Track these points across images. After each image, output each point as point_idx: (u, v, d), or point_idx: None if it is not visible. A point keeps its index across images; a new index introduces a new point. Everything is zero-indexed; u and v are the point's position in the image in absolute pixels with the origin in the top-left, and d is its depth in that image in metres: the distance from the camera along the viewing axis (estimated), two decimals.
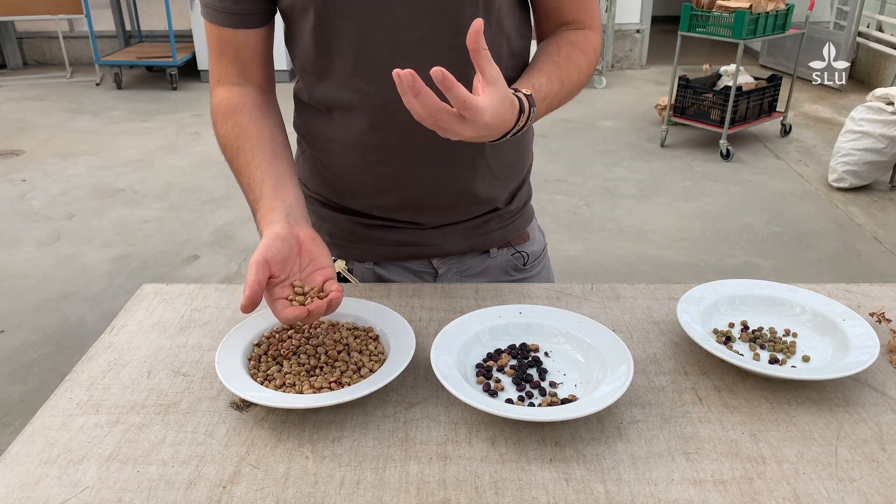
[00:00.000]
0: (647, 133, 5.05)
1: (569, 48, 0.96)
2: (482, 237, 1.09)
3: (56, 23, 6.49)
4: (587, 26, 1.00)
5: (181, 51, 6.34)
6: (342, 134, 0.98)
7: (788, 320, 0.92)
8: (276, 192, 0.88)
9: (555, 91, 0.90)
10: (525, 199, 1.15)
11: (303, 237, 0.83)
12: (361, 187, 1.02)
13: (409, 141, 0.95)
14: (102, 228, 3.65)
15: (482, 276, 1.12)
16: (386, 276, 1.10)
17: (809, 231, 3.60)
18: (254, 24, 0.97)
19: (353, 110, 0.95)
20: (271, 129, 0.96)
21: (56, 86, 6.45)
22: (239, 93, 0.97)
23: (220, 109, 0.97)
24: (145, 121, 5.43)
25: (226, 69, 0.99)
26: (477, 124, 0.73)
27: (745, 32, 4.22)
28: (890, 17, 5.97)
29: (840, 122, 4.99)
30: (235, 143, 0.93)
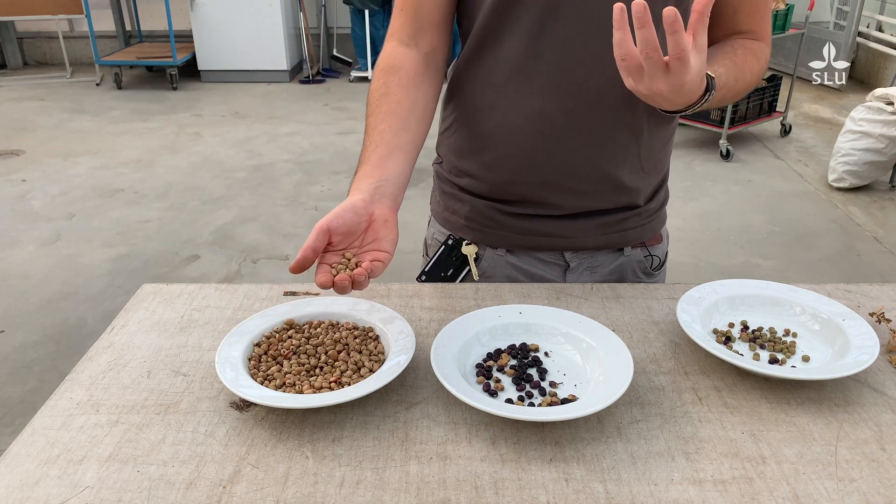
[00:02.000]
0: None
1: (744, 52, 0.96)
2: (618, 234, 1.08)
3: (56, 23, 6.49)
4: (760, 38, 1.00)
5: (181, 51, 6.34)
6: (505, 99, 0.98)
7: (788, 320, 0.92)
8: (381, 161, 0.87)
9: (730, 84, 0.90)
10: (663, 200, 1.14)
11: (376, 216, 0.83)
12: (512, 157, 1.01)
13: (570, 112, 0.95)
14: (102, 228, 3.65)
15: (612, 274, 1.11)
16: (517, 263, 1.10)
17: (809, 231, 3.60)
18: None
19: (523, 76, 0.95)
20: (414, 100, 0.95)
21: (56, 86, 6.45)
22: (403, 54, 0.97)
23: (380, 65, 0.97)
24: (145, 121, 5.43)
25: (402, 25, 0.99)
26: (677, 79, 0.73)
27: None
28: (890, 17, 5.97)
29: (840, 122, 4.99)
30: (377, 101, 0.94)
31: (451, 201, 1.11)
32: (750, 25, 1.00)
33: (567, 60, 0.92)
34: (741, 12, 0.99)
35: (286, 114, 5.60)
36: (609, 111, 0.95)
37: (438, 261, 1.11)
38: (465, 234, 1.10)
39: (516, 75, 0.96)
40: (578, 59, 0.92)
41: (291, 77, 6.56)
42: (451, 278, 1.11)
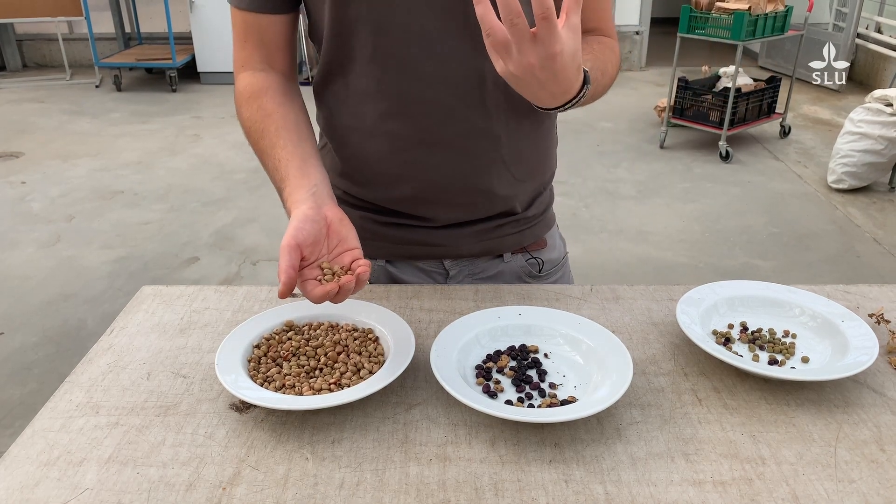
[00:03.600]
0: (646, 134, 5.05)
1: (601, 46, 0.97)
2: (496, 241, 1.09)
3: (56, 25, 6.50)
4: (608, 35, 1.01)
5: (181, 53, 6.34)
6: (360, 122, 0.99)
7: (788, 321, 0.92)
8: (301, 171, 0.88)
9: (598, 78, 0.89)
10: (545, 205, 1.14)
11: (331, 217, 0.83)
12: (378, 176, 1.02)
13: (425, 130, 0.96)
14: (102, 230, 3.65)
15: (494, 280, 1.12)
16: (397, 274, 1.10)
17: (809, 232, 3.60)
18: (279, 10, 0.98)
19: (371, 98, 0.96)
20: (296, 113, 0.97)
21: (56, 88, 6.45)
22: (263, 78, 0.98)
23: (244, 94, 0.98)
24: (145, 123, 5.44)
25: (250, 55, 1.00)
26: (546, 50, 0.68)
27: (744, 34, 4.23)
28: (888, 18, 5.98)
29: (839, 123, 4.99)
30: (260, 125, 0.94)
31: None
32: (596, 23, 1.01)
33: (407, 79, 0.93)
34: (586, 9, 0.98)
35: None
36: (460, 122, 0.95)
37: None
38: None
39: (365, 98, 0.96)
40: (418, 76, 0.92)
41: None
42: None
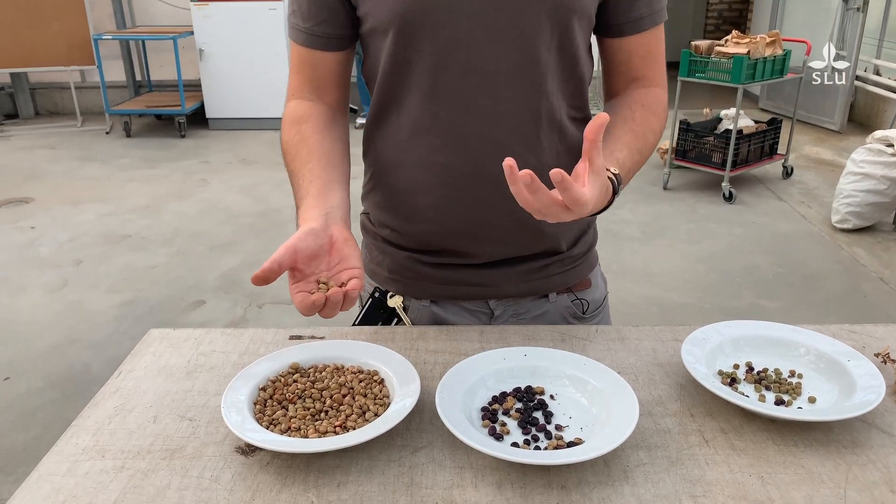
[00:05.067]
0: (649, 176, 5.09)
1: (643, 113, 0.98)
2: (541, 281, 1.09)
3: (68, 73, 6.64)
4: (655, 84, 1.03)
5: (190, 99, 6.46)
6: (411, 155, 1.00)
7: (793, 361, 0.92)
8: (321, 193, 0.90)
9: (635, 161, 0.94)
10: (589, 244, 1.15)
11: (336, 236, 0.84)
12: (425, 209, 1.03)
13: (477, 164, 0.97)
14: (109, 274, 3.67)
15: (539, 321, 1.12)
16: (442, 314, 1.10)
17: (815, 272, 3.60)
18: (332, 48, 1.01)
19: (424, 132, 0.98)
20: (331, 141, 0.99)
21: (67, 134, 6.56)
22: (308, 106, 1.02)
23: (288, 118, 1.01)
24: (153, 168, 5.51)
25: (301, 85, 1.04)
26: (579, 214, 0.76)
27: (743, 77, 4.29)
28: (886, 60, 6.06)
29: (841, 163, 5.02)
30: (294, 148, 0.97)
31: (376, 253, 1.13)
32: (644, 71, 1.03)
33: (463, 115, 0.95)
34: (635, 56, 1.02)
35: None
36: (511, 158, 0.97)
37: (367, 313, 1.11)
38: (390, 286, 1.11)
39: (418, 132, 0.98)
40: (474, 113, 0.95)
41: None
42: None
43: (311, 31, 0.99)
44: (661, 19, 1.01)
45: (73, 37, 6.36)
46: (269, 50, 6.24)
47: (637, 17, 0.99)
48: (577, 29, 0.94)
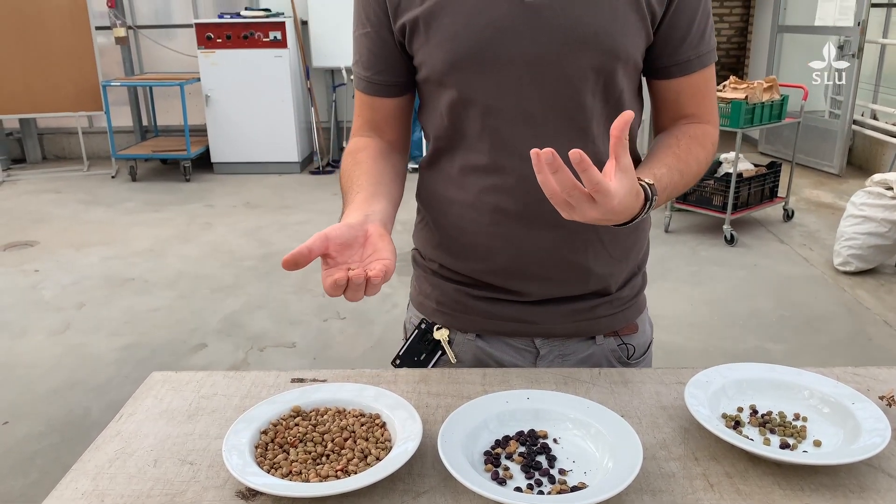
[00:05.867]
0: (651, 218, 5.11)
1: (689, 141, 1.00)
2: (589, 322, 1.09)
3: (76, 119, 6.74)
4: (705, 121, 1.04)
5: (195, 144, 6.54)
6: (464, 195, 1.03)
7: (798, 404, 0.91)
8: (365, 202, 0.91)
9: (675, 181, 0.94)
10: (638, 288, 1.15)
11: (371, 231, 0.84)
12: (475, 247, 1.05)
13: (526, 204, 0.99)
14: (111, 317, 3.67)
15: (585, 363, 1.11)
16: (487, 349, 1.11)
17: (819, 315, 3.59)
18: (390, 94, 1.06)
19: (477, 172, 1.01)
20: (384, 165, 1.02)
21: (73, 179, 6.63)
22: (367, 140, 1.07)
23: (348, 150, 1.06)
24: (158, 211, 5.55)
25: (361, 125, 1.09)
26: (604, 207, 0.76)
27: (742, 122, 4.35)
28: (883, 105, 6.14)
29: (841, 206, 5.05)
30: (349, 171, 1.00)
31: (425, 285, 1.15)
32: (693, 109, 1.04)
33: (513, 158, 0.98)
34: (684, 96, 1.03)
35: (296, 203, 5.71)
36: None
37: (411, 345, 1.12)
38: (437, 318, 1.12)
39: (469, 173, 1.02)
40: (523, 157, 0.96)
41: (302, 168, 6.74)
42: (424, 363, 1.12)
43: (371, 80, 1.05)
44: (710, 61, 1.02)
45: (82, 83, 6.48)
46: (274, 96, 6.34)
47: (685, 59, 1.00)
48: (621, 75, 0.97)
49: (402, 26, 0.98)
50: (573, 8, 0.92)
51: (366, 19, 1.01)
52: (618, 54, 0.94)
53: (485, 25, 0.93)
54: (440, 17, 0.94)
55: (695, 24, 0.99)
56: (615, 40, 0.94)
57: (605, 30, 0.93)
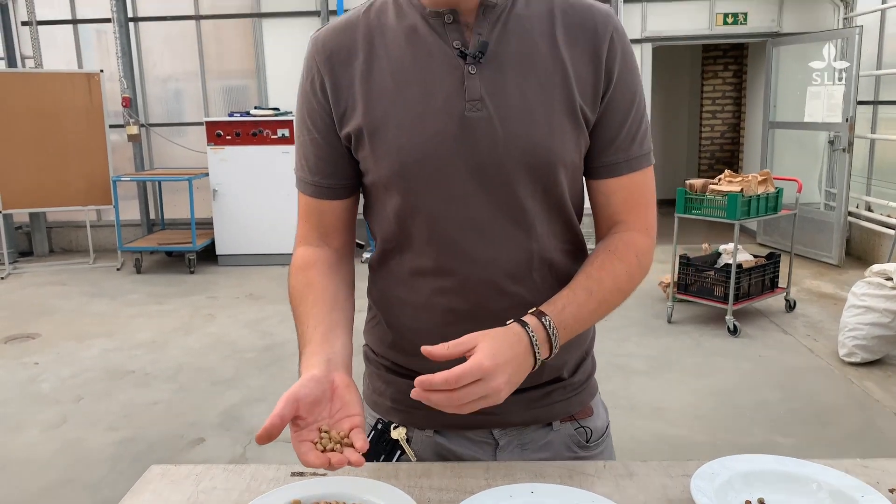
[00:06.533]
0: (653, 309, 5.11)
1: (605, 256, 1.02)
2: (545, 408, 1.09)
3: (85, 213, 6.88)
4: (636, 228, 1.05)
5: (201, 237, 6.64)
6: (415, 296, 1.05)
7: (806, 497, 0.89)
8: (324, 339, 0.93)
9: (580, 300, 0.96)
10: (589, 372, 1.16)
11: (337, 382, 0.86)
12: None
13: (477, 304, 1.01)
14: (110, 411, 3.62)
15: (544, 450, 1.11)
16: (446, 444, 1.10)
17: (827, 407, 3.53)
18: (338, 196, 1.08)
19: (426, 275, 1.03)
20: (336, 285, 1.04)
21: (79, 271, 6.69)
22: (314, 252, 1.08)
23: (296, 264, 1.07)
24: (161, 303, 5.57)
25: (309, 232, 1.10)
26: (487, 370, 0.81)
27: (739, 214, 4.42)
28: (876, 197, 6.25)
29: (843, 297, 5.05)
30: (301, 293, 1.02)
31: (378, 383, 1.15)
32: (624, 215, 1.05)
33: (461, 262, 1.01)
34: (614, 199, 1.05)
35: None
36: (509, 297, 1.02)
37: (370, 447, 1.10)
38: (393, 416, 1.12)
39: (420, 275, 1.04)
40: (471, 260, 1.00)
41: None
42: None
43: (318, 183, 1.07)
44: (641, 165, 1.04)
45: (92, 178, 6.66)
46: (281, 190, 6.49)
47: (613, 161, 1.03)
48: (560, 176, 1.00)
49: (347, 135, 1.02)
50: (511, 120, 0.96)
51: (311, 126, 1.05)
52: (555, 162, 0.99)
53: (428, 137, 0.97)
54: (384, 128, 0.98)
55: (625, 128, 1.02)
56: (552, 149, 0.98)
57: (542, 140, 0.97)
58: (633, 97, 1.03)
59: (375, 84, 0.99)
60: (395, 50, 1.00)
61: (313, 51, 1.04)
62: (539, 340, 0.89)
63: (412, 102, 0.98)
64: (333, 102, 1.02)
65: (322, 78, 1.02)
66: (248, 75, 7.28)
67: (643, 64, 6.98)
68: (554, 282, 1.03)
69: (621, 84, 1.01)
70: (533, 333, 0.89)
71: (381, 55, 1.00)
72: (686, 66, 9.45)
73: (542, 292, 1.01)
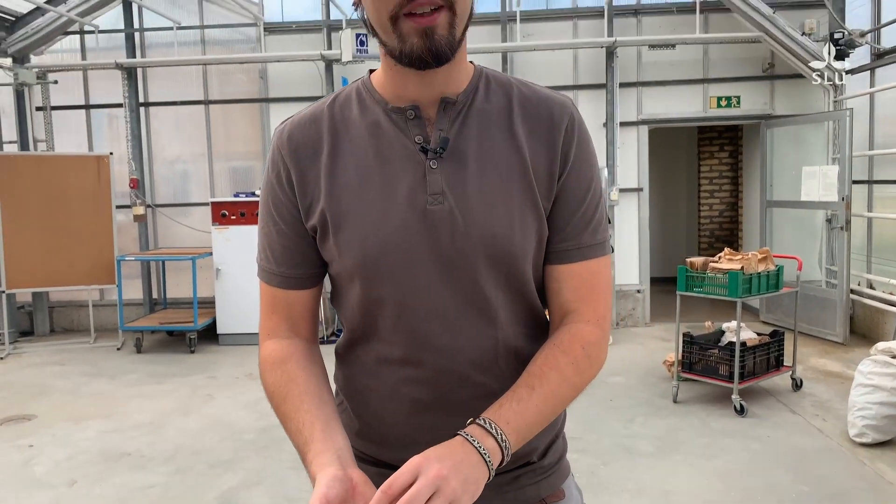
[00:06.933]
0: (658, 389, 5.05)
1: (549, 350, 1.01)
2: (514, 492, 1.07)
3: (88, 292, 6.89)
4: (583, 319, 1.04)
5: (203, 316, 6.63)
6: (380, 385, 1.05)
7: None
8: (325, 435, 0.92)
9: (521, 396, 0.95)
10: (559, 453, 1.14)
11: (356, 479, 0.86)
12: (396, 439, 1.06)
13: (443, 394, 1.01)
14: (104, 495, 3.52)
15: None
16: None
17: (840, 490, 3.43)
18: (305, 286, 1.08)
19: (392, 364, 1.03)
20: (318, 377, 1.04)
21: (78, 351, 6.65)
22: (287, 345, 1.07)
23: (269, 360, 1.05)
24: (160, 383, 5.51)
25: (277, 325, 1.09)
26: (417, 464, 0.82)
27: (740, 292, 4.43)
28: (877, 275, 6.27)
29: (849, 375, 5.00)
30: (284, 389, 1.00)
31: None
32: (575, 304, 1.05)
33: (426, 352, 1.01)
34: (565, 287, 1.05)
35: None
36: (475, 387, 1.02)
37: None
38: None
39: (386, 364, 1.05)
40: (435, 350, 1.01)
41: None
42: None
43: (285, 274, 1.08)
44: (595, 254, 1.04)
45: (97, 258, 6.71)
46: None
47: (564, 248, 1.04)
48: (522, 265, 1.02)
49: (312, 226, 1.04)
50: (472, 212, 0.99)
51: (278, 217, 1.06)
52: (516, 252, 1.00)
53: (392, 230, 0.99)
54: (347, 222, 1.00)
55: (578, 215, 1.03)
56: (513, 240, 1.00)
57: (503, 231, 0.99)
58: (589, 185, 1.04)
59: (339, 178, 1.02)
60: (359, 144, 1.03)
61: (279, 144, 1.06)
62: (485, 446, 0.88)
63: (375, 196, 1.00)
64: (300, 195, 1.04)
65: (288, 170, 1.04)
66: (253, 157, 7.45)
67: (640, 145, 7.15)
68: (520, 367, 1.02)
69: (576, 171, 1.03)
70: (473, 437, 0.88)
71: (346, 149, 1.03)
72: (683, 146, 9.67)
73: (509, 380, 1.01)
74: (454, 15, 0.92)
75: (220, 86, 7.39)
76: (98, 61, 7.20)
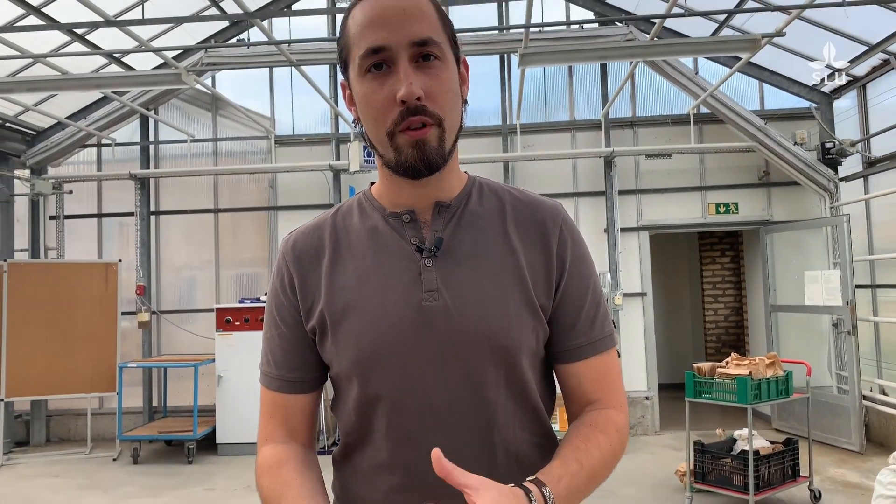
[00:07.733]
0: (671, 501, 4.86)
1: (587, 430, 1.03)
2: None
3: (87, 400, 6.79)
4: (609, 405, 1.08)
5: (202, 424, 6.50)
6: (373, 494, 1.04)
7: None
8: None
9: (573, 471, 0.95)
10: None
11: None
12: None
13: (435, 500, 0.98)
14: None
15: None
16: None
17: None
18: (303, 391, 1.10)
19: (384, 470, 1.03)
20: (312, 481, 1.03)
21: (73, 462, 6.47)
22: (284, 449, 1.07)
23: (265, 464, 1.05)
24: (156, 496, 5.33)
25: (275, 429, 1.10)
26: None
27: (750, 398, 4.35)
28: (888, 381, 6.16)
29: (869, 485, 4.82)
30: (278, 492, 1.00)
31: None
32: (597, 395, 1.08)
33: (420, 454, 0.99)
34: (585, 381, 1.08)
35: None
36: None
37: None
38: None
39: (379, 470, 1.05)
40: (428, 452, 0.98)
41: None
42: None
43: (284, 377, 1.10)
44: (606, 347, 1.09)
45: (99, 365, 6.66)
46: None
47: (577, 345, 1.07)
48: (524, 363, 1.03)
49: (312, 328, 1.07)
50: (468, 309, 1.01)
51: (280, 320, 1.10)
52: (512, 347, 1.02)
53: (387, 327, 1.02)
54: (345, 320, 1.04)
55: (583, 313, 1.08)
56: (510, 336, 1.02)
57: (500, 327, 1.01)
58: (588, 283, 1.09)
59: (338, 279, 1.06)
60: (359, 248, 1.08)
61: (284, 251, 1.12)
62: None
63: (372, 294, 1.03)
64: (301, 299, 1.08)
65: (291, 276, 1.09)
66: (260, 263, 7.54)
67: (641, 250, 7.23)
68: (522, 478, 1.01)
69: (574, 272, 1.08)
70: (535, 499, 0.87)
71: (345, 253, 1.08)
72: (684, 252, 9.77)
73: None
74: (443, 130, 1.01)
75: (230, 194, 7.59)
76: (113, 172, 7.44)
